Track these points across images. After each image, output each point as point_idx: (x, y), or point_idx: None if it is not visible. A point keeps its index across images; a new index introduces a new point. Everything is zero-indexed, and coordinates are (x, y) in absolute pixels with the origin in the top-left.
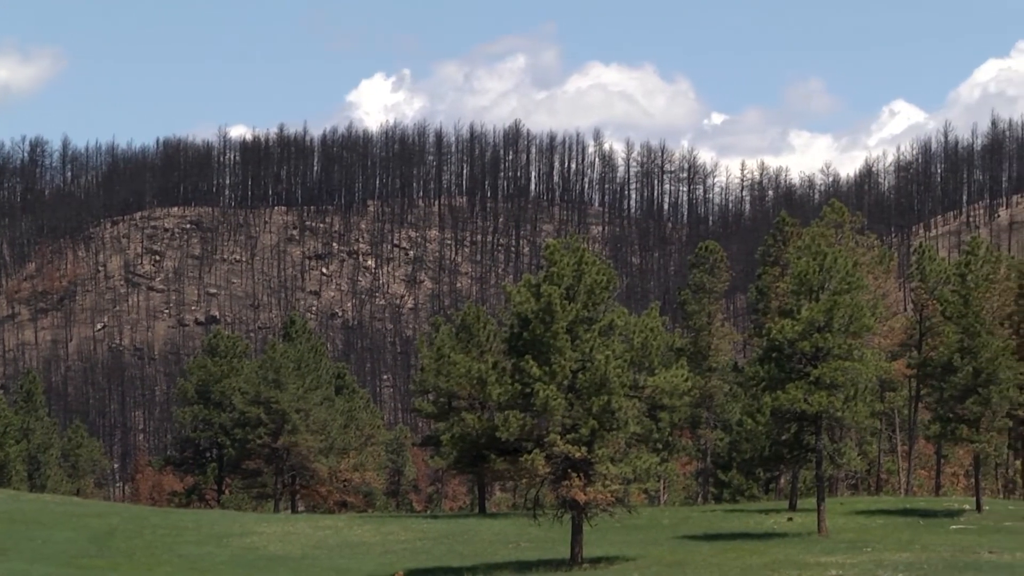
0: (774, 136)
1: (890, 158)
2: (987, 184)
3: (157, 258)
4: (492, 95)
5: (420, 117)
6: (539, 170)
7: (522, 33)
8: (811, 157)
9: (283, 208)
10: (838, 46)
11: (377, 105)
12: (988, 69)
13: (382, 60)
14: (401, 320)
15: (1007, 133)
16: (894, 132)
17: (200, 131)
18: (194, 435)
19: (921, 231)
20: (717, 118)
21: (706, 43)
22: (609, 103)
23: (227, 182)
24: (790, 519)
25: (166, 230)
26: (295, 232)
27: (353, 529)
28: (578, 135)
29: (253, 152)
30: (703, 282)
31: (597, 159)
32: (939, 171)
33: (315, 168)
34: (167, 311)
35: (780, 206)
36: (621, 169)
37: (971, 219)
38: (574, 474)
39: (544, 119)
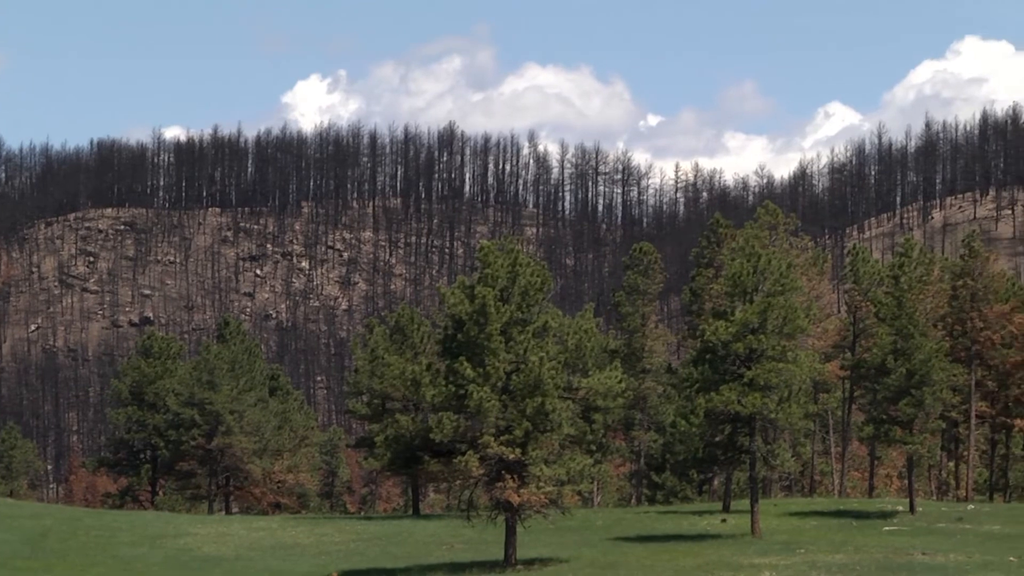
0: (709, 138)
1: (824, 160)
2: (921, 186)
3: (91, 259)
4: (428, 96)
5: (356, 118)
6: (473, 172)
7: (458, 34)
8: (746, 159)
9: (217, 209)
10: (773, 48)
11: (313, 106)
12: (923, 71)
13: (318, 61)
14: (335, 321)
15: (941, 135)
16: (829, 134)
17: (135, 132)
18: (128, 436)
19: (855, 233)
20: (653, 120)
21: (642, 45)
22: (545, 104)
23: (161, 183)
24: (723, 520)
25: (100, 231)
26: (229, 233)
27: (287, 530)
28: (513, 136)
29: (187, 153)
30: (637, 284)
31: (532, 161)
32: (873, 173)
33: (249, 169)
34: (101, 312)
35: (714, 208)
36: (556, 171)
37: (905, 221)
38: (508, 476)
39: (480, 120)
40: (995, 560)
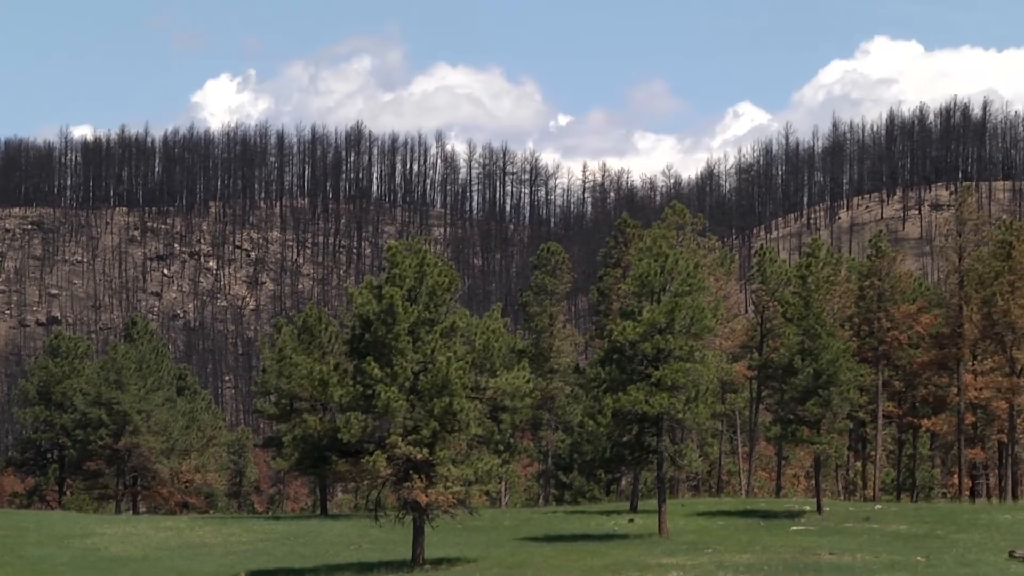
0: (619, 138)
1: (731, 160)
2: (828, 186)
3: None
4: (338, 96)
5: (265, 118)
6: (381, 172)
7: (368, 34)
8: (656, 159)
9: (124, 209)
10: (684, 48)
11: (222, 106)
12: (833, 71)
13: (228, 60)
14: (243, 321)
15: (848, 135)
16: (738, 134)
17: (43, 132)
18: (35, 436)
19: (762, 233)
20: (563, 120)
21: (553, 45)
22: (455, 105)
23: (68, 183)
24: (631, 520)
25: (7, 231)
26: (136, 233)
27: (194, 530)
28: (420, 136)
29: (95, 153)
30: (545, 284)
31: (439, 161)
32: (780, 173)
33: (157, 169)
34: (8, 312)
35: (622, 208)
36: (463, 171)
37: (812, 221)
38: (415, 475)
39: (390, 120)
40: (902, 560)
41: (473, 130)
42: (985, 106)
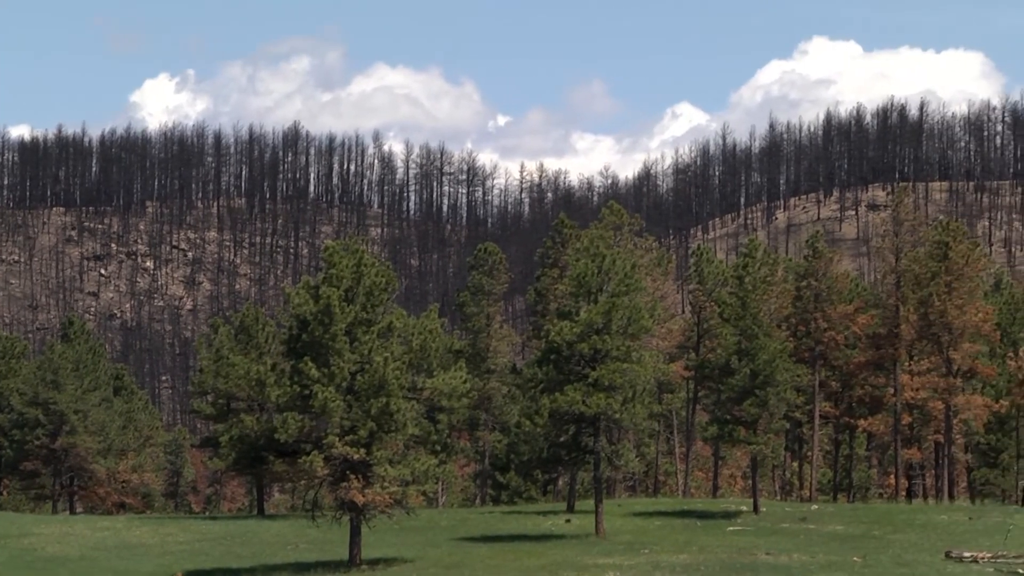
0: (557, 138)
1: (669, 160)
2: (765, 187)
3: None
4: (276, 96)
5: (203, 118)
6: (318, 172)
7: (307, 34)
8: (594, 159)
9: (61, 209)
10: (623, 48)
11: (161, 106)
12: (771, 71)
13: (167, 60)
14: (180, 321)
15: (785, 136)
16: (676, 134)
17: None
18: None
19: (699, 233)
20: (502, 120)
21: (492, 46)
22: (394, 105)
23: (5, 182)
24: (568, 521)
25: None
26: (73, 233)
27: (132, 530)
28: (357, 137)
29: (31, 152)
30: (482, 284)
31: (376, 161)
32: (717, 174)
33: (94, 169)
34: None
35: (559, 208)
36: (400, 171)
37: (749, 221)
38: (352, 476)
39: (329, 121)
40: (839, 560)
41: (412, 130)
42: (922, 107)
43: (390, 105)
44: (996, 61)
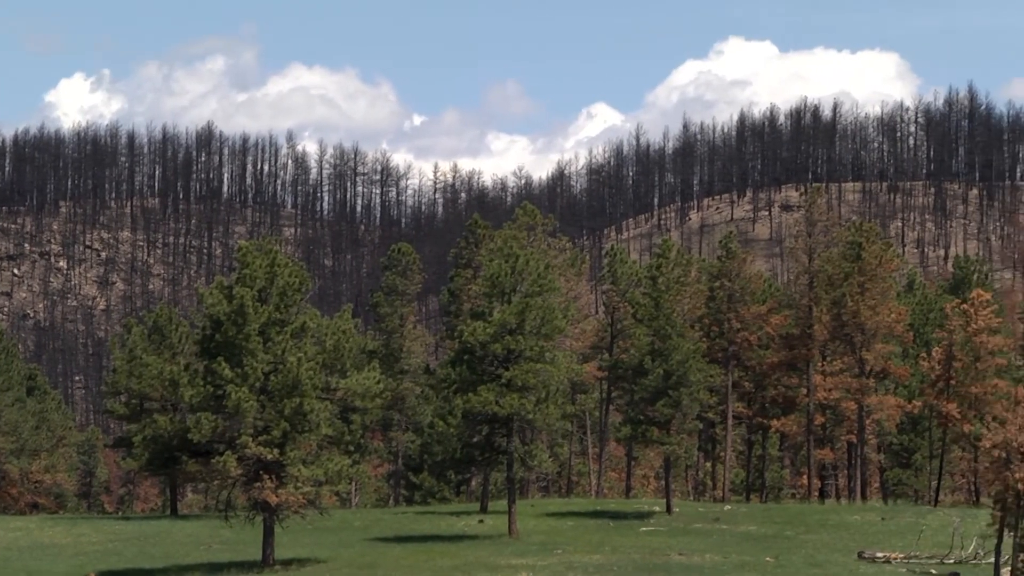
0: (472, 138)
1: (583, 161)
2: (679, 187)
3: None
4: (191, 96)
5: (118, 118)
6: (232, 172)
7: (222, 34)
8: (510, 159)
9: None
10: (539, 49)
11: (76, 105)
12: (687, 71)
13: (83, 60)
14: (93, 321)
15: (699, 137)
16: (591, 135)
17: None
18: None
19: (613, 234)
20: (417, 120)
21: (408, 46)
22: (310, 106)
23: None
24: (481, 521)
25: None
26: None
27: (44, 531)
28: (271, 137)
29: None
30: (395, 284)
31: (290, 161)
32: (631, 174)
33: (7, 168)
34: None
35: (473, 209)
36: (314, 171)
37: (662, 222)
38: (266, 476)
39: (244, 121)
40: (751, 560)
41: (328, 131)
42: (835, 107)
43: (306, 106)
44: (911, 62)
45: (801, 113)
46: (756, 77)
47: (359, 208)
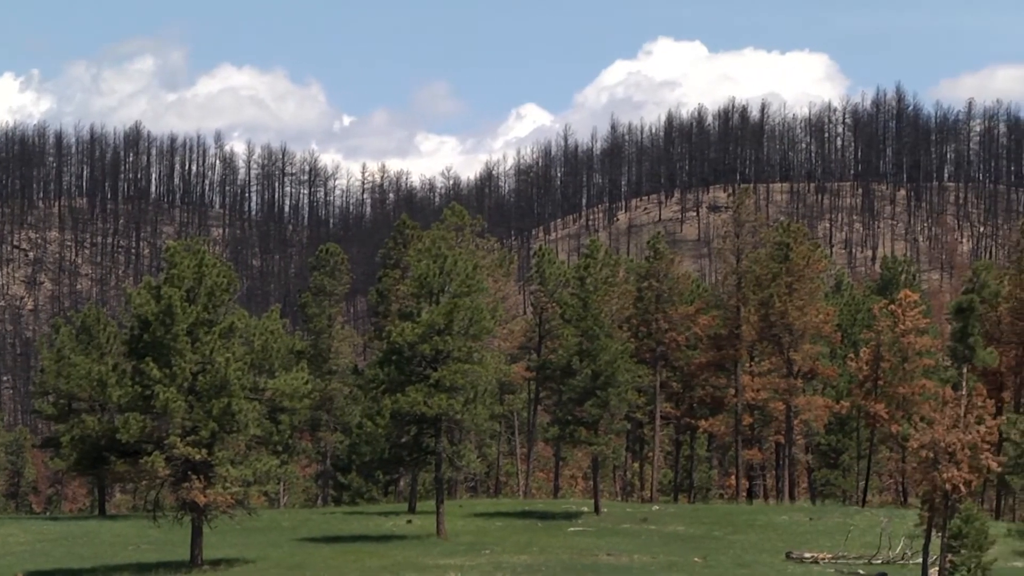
0: (401, 138)
1: (511, 161)
2: (607, 188)
3: None
4: (120, 96)
5: (47, 118)
6: (160, 172)
7: (152, 34)
8: (439, 160)
9: None
10: (469, 49)
11: (5, 105)
12: (616, 72)
13: (12, 59)
14: (21, 321)
15: (627, 137)
16: (520, 135)
17: None
18: None
19: (541, 234)
20: (347, 120)
21: (338, 47)
22: (239, 106)
23: None
24: (409, 521)
25: None
26: None
27: None
28: (199, 137)
29: None
30: (324, 284)
31: (218, 161)
32: (559, 175)
33: None
34: None
35: (401, 209)
36: (242, 171)
37: (590, 222)
38: (194, 476)
39: (174, 121)
40: (679, 561)
41: (258, 131)
42: (763, 108)
43: (235, 106)
44: (840, 64)
45: (729, 114)
46: (685, 78)
47: (287, 208)
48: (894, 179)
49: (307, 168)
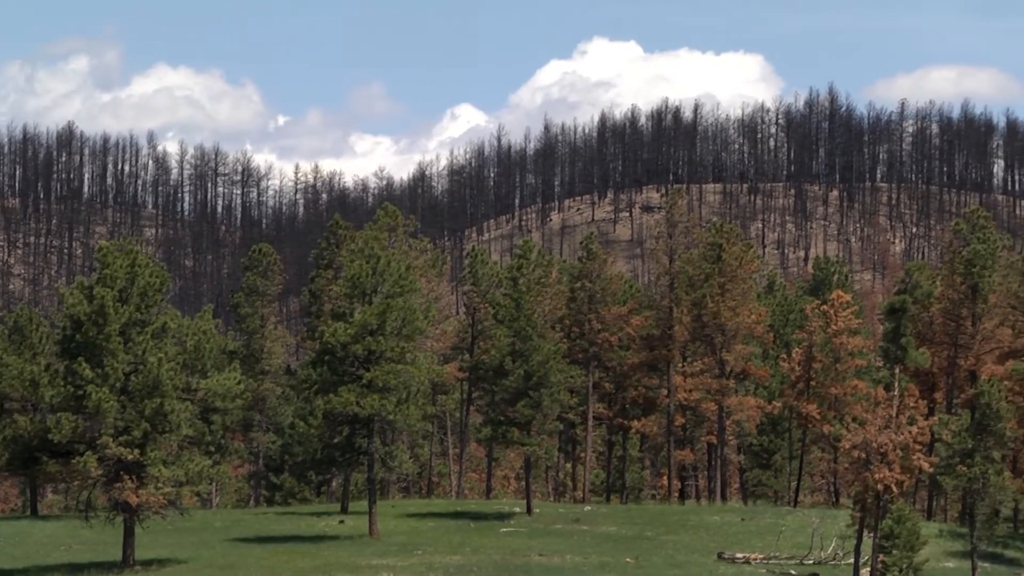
0: (336, 139)
1: (444, 162)
2: (540, 188)
3: None
4: (55, 96)
5: None
6: (93, 172)
7: (86, 34)
8: (374, 160)
9: None
10: (405, 49)
11: None
12: (551, 72)
13: None
14: None
15: (560, 138)
16: (454, 136)
17: None
18: None
19: (474, 235)
20: (282, 120)
21: (274, 47)
22: (174, 107)
23: None
24: (342, 522)
25: None
26: None
27: None
28: (132, 137)
29: None
30: (256, 285)
31: (151, 161)
32: (492, 175)
33: None
34: None
35: (334, 209)
36: (175, 172)
37: (523, 223)
38: (127, 476)
39: (109, 122)
40: (611, 561)
41: (193, 131)
42: (696, 109)
43: (170, 106)
44: (775, 65)
45: (662, 114)
46: (620, 78)
47: (220, 209)
48: (827, 180)
49: (240, 168)
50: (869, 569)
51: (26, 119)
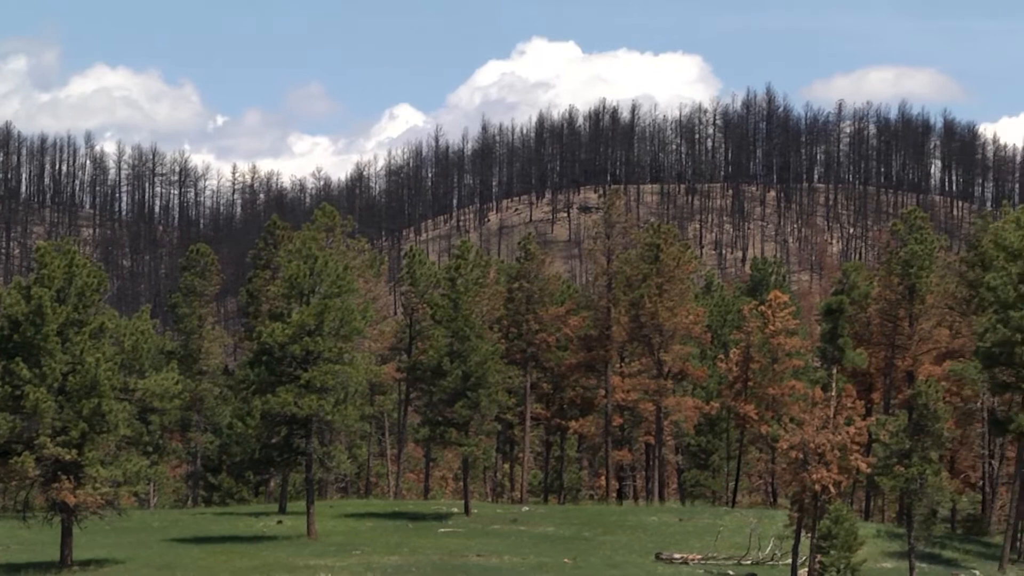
0: (274, 139)
1: (382, 162)
2: (478, 188)
3: None
4: None
5: None
6: (30, 172)
7: (24, 34)
8: (312, 160)
9: None
10: (343, 49)
11: None
12: (490, 72)
13: None
14: None
15: (498, 138)
16: (392, 136)
17: None
18: None
19: (412, 235)
20: (220, 120)
21: (212, 48)
22: (112, 107)
23: None
24: (280, 522)
25: None
26: None
27: None
28: (69, 137)
29: None
30: (194, 285)
31: (88, 162)
32: (430, 175)
33: None
34: None
35: (272, 210)
36: (113, 172)
37: (461, 223)
38: (64, 476)
39: (48, 121)
40: (550, 561)
41: (131, 131)
42: (634, 109)
43: (109, 106)
44: (713, 65)
45: (600, 115)
46: (559, 79)
47: (157, 209)
48: (764, 180)
49: (178, 169)
50: (807, 569)
51: None
